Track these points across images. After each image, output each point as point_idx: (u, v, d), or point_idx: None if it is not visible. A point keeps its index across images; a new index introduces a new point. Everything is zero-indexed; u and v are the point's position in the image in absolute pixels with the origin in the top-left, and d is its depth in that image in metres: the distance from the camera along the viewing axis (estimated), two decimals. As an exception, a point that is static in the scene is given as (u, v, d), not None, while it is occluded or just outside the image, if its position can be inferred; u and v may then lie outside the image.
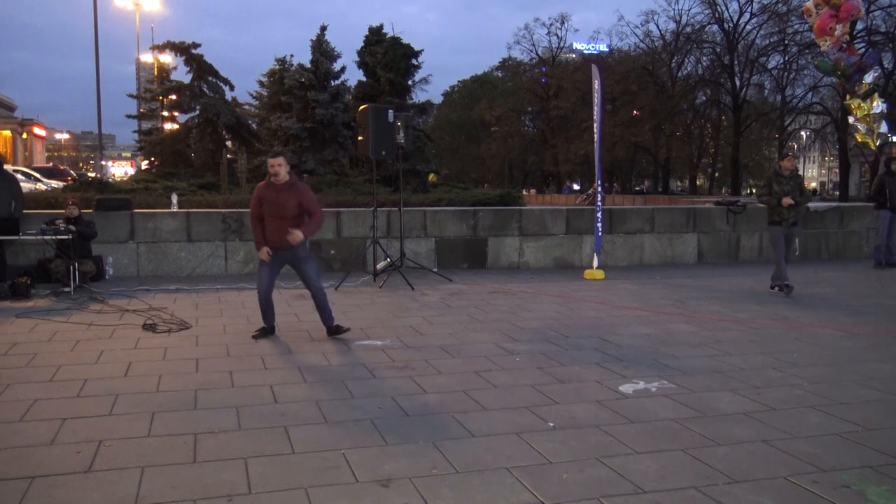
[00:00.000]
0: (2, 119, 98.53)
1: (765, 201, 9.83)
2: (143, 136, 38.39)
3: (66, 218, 9.73)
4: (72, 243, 9.46)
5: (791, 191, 9.53)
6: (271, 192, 6.67)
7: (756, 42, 47.36)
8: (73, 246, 9.47)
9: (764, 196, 9.82)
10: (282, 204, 6.62)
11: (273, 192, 6.67)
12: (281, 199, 6.63)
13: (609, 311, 8.45)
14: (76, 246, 9.55)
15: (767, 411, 4.81)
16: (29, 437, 4.22)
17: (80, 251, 9.71)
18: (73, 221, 9.69)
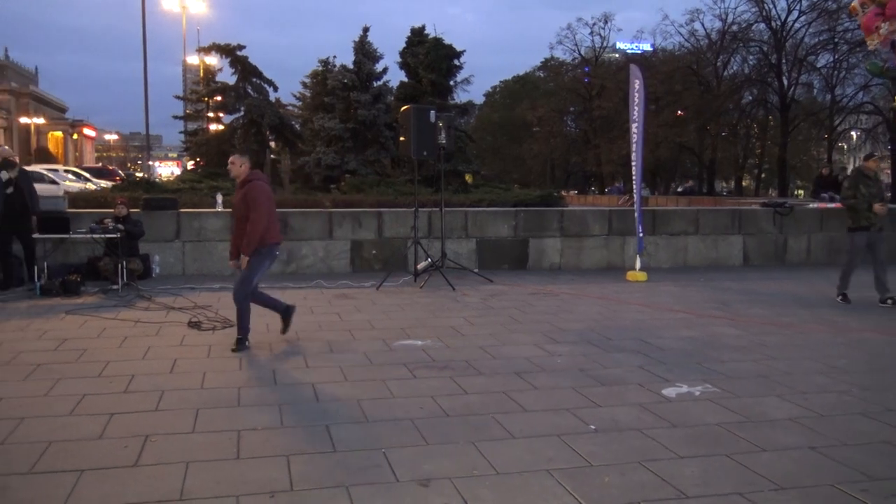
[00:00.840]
0: (53, 120, 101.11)
1: (851, 204, 9.12)
2: (189, 136, 39.10)
3: (115, 217, 9.95)
4: (120, 242, 9.66)
5: (878, 193, 9.10)
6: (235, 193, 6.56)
7: (805, 40, 46.37)
8: (121, 244, 9.68)
9: (850, 199, 9.12)
10: (236, 204, 6.55)
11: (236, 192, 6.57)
12: (236, 199, 6.56)
13: (652, 314, 8.35)
14: (124, 245, 9.76)
15: (815, 417, 4.71)
16: (78, 431, 4.32)
17: (128, 250, 9.91)
18: (121, 221, 9.90)
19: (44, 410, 4.69)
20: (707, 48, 52.36)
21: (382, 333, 7.14)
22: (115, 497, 3.44)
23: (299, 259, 11.57)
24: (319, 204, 16.19)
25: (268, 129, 34.11)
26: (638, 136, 11.38)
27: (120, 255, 9.64)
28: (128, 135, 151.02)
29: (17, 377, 5.46)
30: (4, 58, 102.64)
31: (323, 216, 11.90)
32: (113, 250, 9.74)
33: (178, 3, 38.70)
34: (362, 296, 9.42)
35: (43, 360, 5.94)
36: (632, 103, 11.49)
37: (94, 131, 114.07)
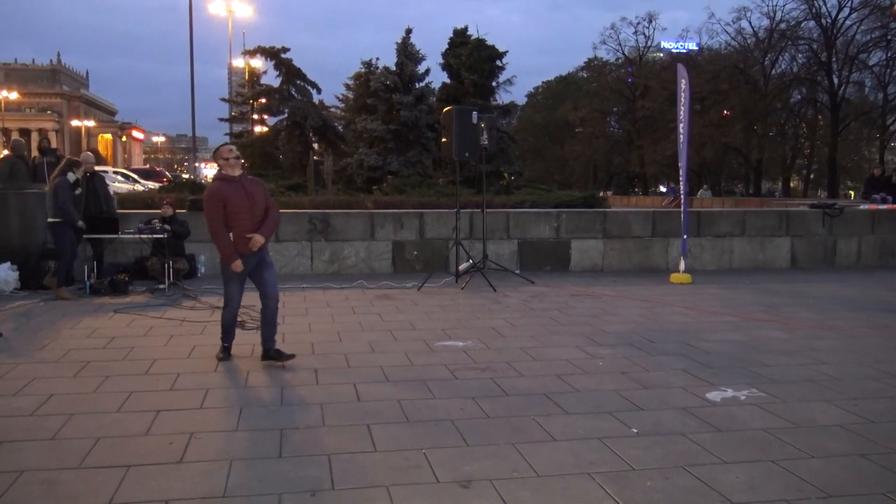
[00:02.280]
0: (103, 123, 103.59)
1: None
2: (234, 138, 39.62)
3: (162, 218, 10.13)
4: (167, 242, 9.84)
5: None
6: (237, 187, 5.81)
7: (856, 38, 45.35)
8: (167, 245, 9.86)
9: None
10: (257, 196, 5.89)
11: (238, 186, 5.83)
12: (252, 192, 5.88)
13: (696, 316, 8.23)
14: (171, 245, 9.94)
15: (865, 423, 4.59)
16: (125, 427, 4.40)
17: (175, 250, 10.10)
18: (167, 221, 10.08)
19: (92, 407, 4.79)
20: (754, 47, 51.48)
21: (423, 334, 7.15)
22: (161, 493, 3.50)
23: (341, 260, 11.65)
24: (361, 205, 16.28)
25: (311, 131, 34.42)
26: (684, 136, 11.23)
27: (167, 255, 9.82)
28: (175, 137, 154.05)
29: (67, 374, 5.60)
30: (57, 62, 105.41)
31: (365, 217, 11.97)
32: (160, 250, 9.92)
33: (224, 8, 39.29)
34: (404, 296, 9.45)
35: (92, 358, 6.07)
36: (678, 103, 11.35)
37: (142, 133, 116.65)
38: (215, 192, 5.77)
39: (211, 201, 5.75)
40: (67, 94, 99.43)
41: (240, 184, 5.82)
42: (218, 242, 5.80)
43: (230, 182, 5.81)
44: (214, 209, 5.72)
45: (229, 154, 5.87)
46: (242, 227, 5.74)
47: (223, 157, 5.87)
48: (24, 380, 5.40)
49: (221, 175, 5.89)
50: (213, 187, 5.85)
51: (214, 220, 5.73)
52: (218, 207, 5.70)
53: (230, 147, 5.97)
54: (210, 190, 5.87)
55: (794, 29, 47.81)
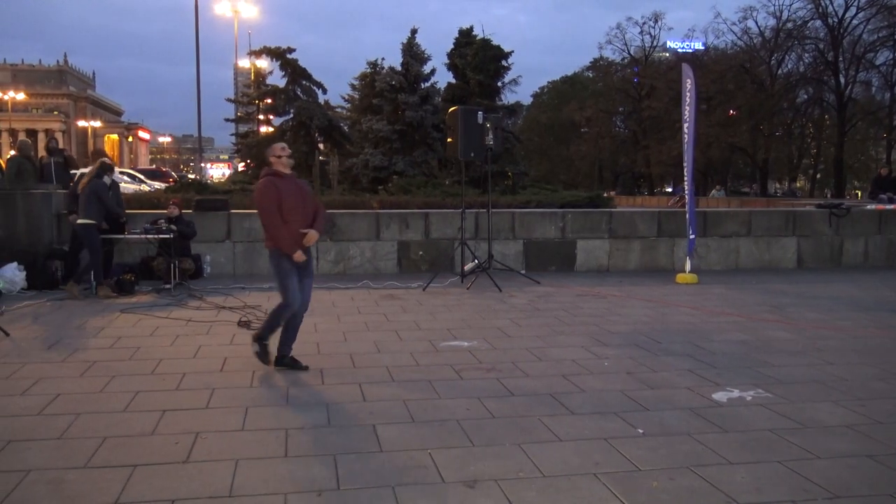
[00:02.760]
0: (110, 123, 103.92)
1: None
2: (240, 138, 39.72)
3: (168, 218, 10.15)
4: (172, 242, 9.86)
5: None
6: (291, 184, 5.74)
7: (863, 37, 45.21)
8: (173, 245, 9.88)
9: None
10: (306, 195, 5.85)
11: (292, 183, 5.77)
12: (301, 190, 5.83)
13: (702, 317, 8.22)
14: (177, 245, 9.95)
15: (873, 424, 4.57)
16: (132, 426, 4.42)
17: (180, 250, 10.11)
18: (173, 221, 10.09)
19: (99, 406, 4.81)
20: (761, 46, 51.35)
21: (429, 334, 7.15)
22: (167, 492, 3.50)
23: (347, 260, 11.66)
24: (367, 205, 16.28)
25: (316, 131, 34.43)
26: (689, 136, 11.21)
27: (173, 255, 9.84)
28: (181, 137, 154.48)
29: (73, 374, 5.61)
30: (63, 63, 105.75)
31: (370, 217, 11.98)
32: (166, 250, 9.94)
33: (231, 8, 39.37)
34: (409, 296, 9.45)
35: (98, 358, 6.09)
36: (683, 103, 11.34)
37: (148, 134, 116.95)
38: (271, 187, 5.61)
39: (268, 196, 5.59)
40: (74, 94, 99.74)
41: (292, 181, 5.74)
42: (277, 235, 5.61)
43: (283, 179, 5.69)
44: (272, 203, 5.56)
45: (282, 152, 5.75)
46: (296, 225, 5.63)
47: (276, 155, 5.75)
48: (31, 379, 5.42)
49: (273, 171, 5.72)
50: (268, 182, 5.65)
51: (273, 213, 5.57)
52: (275, 202, 5.56)
53: (283, 145, 5.84)
54: (264, 185, 5.66)
55: (800, 28, 47.69)
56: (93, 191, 9.17)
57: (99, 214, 9.22)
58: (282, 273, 5.70)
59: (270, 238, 5.69)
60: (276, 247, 5.66)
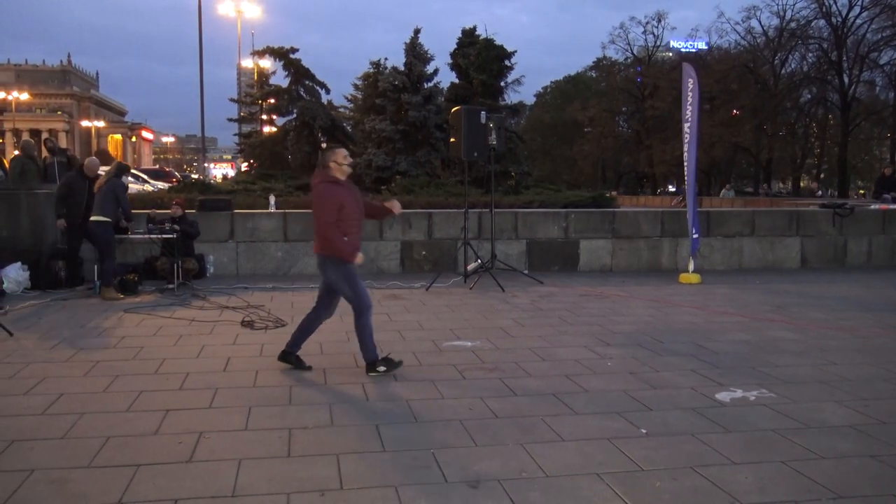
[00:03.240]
0: (113, 123, 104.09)
1: None
2: (243, 138, 39.78)
3: (171, 218, 10.16)
4: (176, 242, 9.87)
5: None
6: (349, 192, 5.69)
7: (867, 37, 45.12)
8: (177, 245, 9.89)
9: None
10: (360, 202, 5.79)
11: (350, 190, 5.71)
12: (358, 197, 5.79)
13: (705, 317, 8.21)
14: (180, 245, 9.97)
15: (876, 425, 4.57)
16: (135, 426, 4.42)
17: (184, 250, 10.13)
18: (177, 221, 10.10)
19: (102, 406, 4.81)
20: (764, 46, 51.28)
21: (432, 334, 7.15)
22: (170, 491, 3.51)
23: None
24: (370, 205, 16.28)
25: (320, 131, 34.47)
26: (691, 135, 11.19)
27: (176, 255, 9.85)
28: (184, 137, 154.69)
29: (77, 373, 5.62)
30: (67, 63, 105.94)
31: (373, 217, 11.96)
32: (169, 250, 9.96)
33: (234, 9, 39.42)
34: (412, 296, 9.45)
35: (101, 358, 6.10)
36: (685, 102, 11.32)
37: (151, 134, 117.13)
38: (333, 193, 5.49)
39: (330, 201, 5.47)
40: (78, 94, 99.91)
41: (350, 188, 5.64)
42: (336, 241, 5.47)
43: (342, 186, 5.57)
44: (332, 209, 5.44)
45: (344, 160, 5.60)
46: (352, 233, 5.55)
47: (337, 161, 5.59)
48: (35, 379, 5.43)
49: (332, 177, 5.56)
50: (329, 188, 5.52)
51: (331, 220, 5.44)
52: (335, 208, 5.44)
53: (346, 153, 5.68)
54: (326, 190, 5.52)
55: (804, 28, 47.60)
56: (111, 189, 9.22)
57: (115, 213, 9.27)
58: (349, 278, 5.60)
59: (328, 246, 5.53)
60: (333, 254, 5.54)
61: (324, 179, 5.59)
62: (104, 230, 9.20)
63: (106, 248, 9.24)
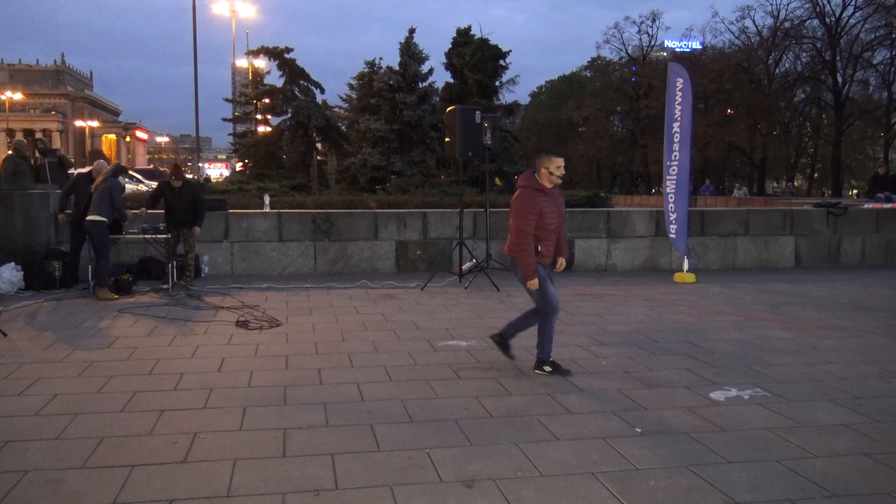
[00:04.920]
0: (107, 123, 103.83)
1: None
2: (238, 138, 39.72)
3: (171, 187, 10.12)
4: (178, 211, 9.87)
5: None
6: (551, 201, 5.54)
7: (860, 36, 45.26)
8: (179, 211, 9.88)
9: None
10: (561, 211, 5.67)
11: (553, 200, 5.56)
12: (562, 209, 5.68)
13: (700, 316, 8.22)
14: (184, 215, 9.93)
15: (870, 423, 4.58)
16: (130, 427, 4.41)
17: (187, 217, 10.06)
18: (179, 191, 10.05)
19: (97, 406, 4.80)
20: (758, 45, 51.41)
21: (427, 334, 7.15)
22: (165, 492, 3.50)
23: (345, 259, 11.65)
24: (365, 205, 16.29)
25: (314, 131, 34.44)
26: (682, 135, 11.20)
27: (170, 257, 9.84)
28: (178, 137, 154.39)
29: (71, 374, 5.61)
30: (61, 63, 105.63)
31: (368, 217, 11.98)
32: (168, 250, 9.92)
33: (228, 8, 39.37)
34: (407, 296, 9.45)
35: (96, 358, 6.08)
36: (673, 102, 11.32)
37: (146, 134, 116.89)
38: (532, 201, 5.39)
39: (529, 209, 5.37)
40: (72, 94, 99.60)
41: (553, 197, 5.52)
42: (524, 255, 5.41)
43: (545, 194, 5.46)
44: (531, 217, 5.36)
45: (557, 170, 5.46)
46: (549, 242, 5.52)
47: (549, 169, 5.48)
48: (29, 380, 5.42)
49: (537, 184, 5.46)
50: (530, 195, 5.41)
51: (528, 228, 5.38)
52: (533, 217, 5.36)
53: (561, 162, 5.51)
54: (527, 197, 5.42)
55: (798, 27, 47.74)
56: (107, 188, 9.23)
57: (111, 213, 9.26)
58: (539, 283, 5.53)
59: (517, 251, 5.49)
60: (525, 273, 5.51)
61: (528, 185, 5.50)
62: (100, 230, 9.18)
63: (101, 249, 9.22)
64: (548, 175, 5.49)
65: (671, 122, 11.31)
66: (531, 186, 5.49)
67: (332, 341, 6.80)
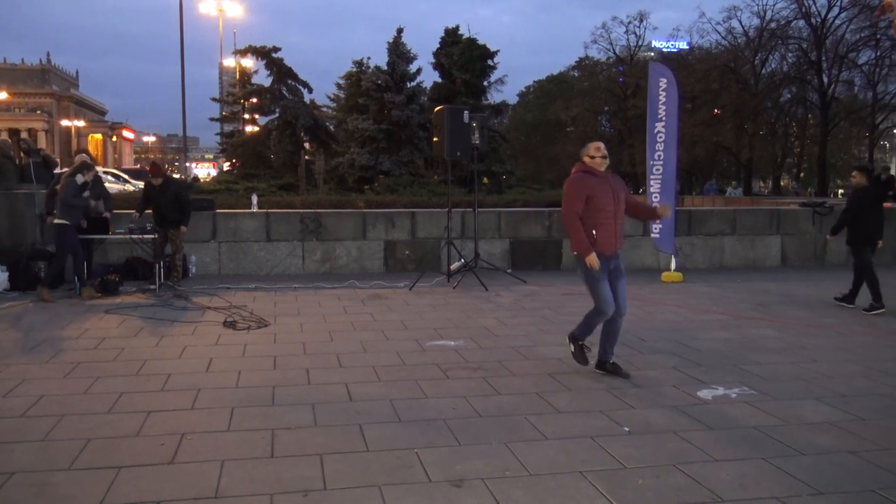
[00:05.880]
0: (94, 123, 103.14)
1: None
2: (226, 138, 39.59)
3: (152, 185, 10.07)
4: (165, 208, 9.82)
5: None
6: (604, 183, 5.51)
7: (846, 37, 45.54)
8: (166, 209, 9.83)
9: None
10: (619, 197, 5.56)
11: (606, 182, 5.54)
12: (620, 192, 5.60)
13: (687, 315, 8.26)
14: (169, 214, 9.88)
15: (855, 421, 4.62)
16: (116, 428, 4.39)
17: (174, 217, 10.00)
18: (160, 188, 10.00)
19: (83, 408, 4.77)
20: (745, 46, 51.62)
21: (415, 334, 7.15)
22: (152, 493, 3.48)
23: (333, 259, 11.63)
24: (353, 204, 16.28)
25: (302, 131, 34.37)
26: (667, 135, 11.25)
27: (156, 257, 9.79)
28: (165, 137, 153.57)
29: (57, 375, 5.57)
30: (46, 62, 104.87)
31: (357, 217, 11.96)
32: (155, 249, 9.87)
33: (215, 7, 39.22)
34: (395, 296, 9.45)
35: (82, 359, 6.05)
36: (656, 102, 11.37)
37: (132, 133, 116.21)
38: (580, 183, 5.44)
39: (575, 191, 5.42)
40: (57, 93, 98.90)
41: (606, 180, 5.52)
42: (573, 234, 5.42)
43: (596, 176, 5.49)
44: (577, 200, 5.39)
45: (596, 152, 5.55)
46: (605, 227, 5.42)
47: (589, 155, 5.56)
48: (15, 381, 5.38)
49: (586, 168, 5.54)
50: (578, 178, 5.49)
51: (571, 210, 5.42)
52: (580, 199, 5.39)
53: (598, 145, 5.64)
54: (574, 180, 5.51)
55: (784, 28, 47.97)
56: (63, 188, 9.03)
57: (71, 214, 9.05)
58: (590, 279, 5.49)
59: (569, 233, 5.51)
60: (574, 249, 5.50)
61: (577, 170, 5.58)
62: (58, 233, 9.04)
63: (58, 250, 9.10)
64: (592, 160, 5.54)
65: (654, 122, 11.37)
66: (581, 170, 5.54)
67: (320, 341, 6.79)
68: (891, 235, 13.50)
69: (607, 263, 5.48)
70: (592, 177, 5.48)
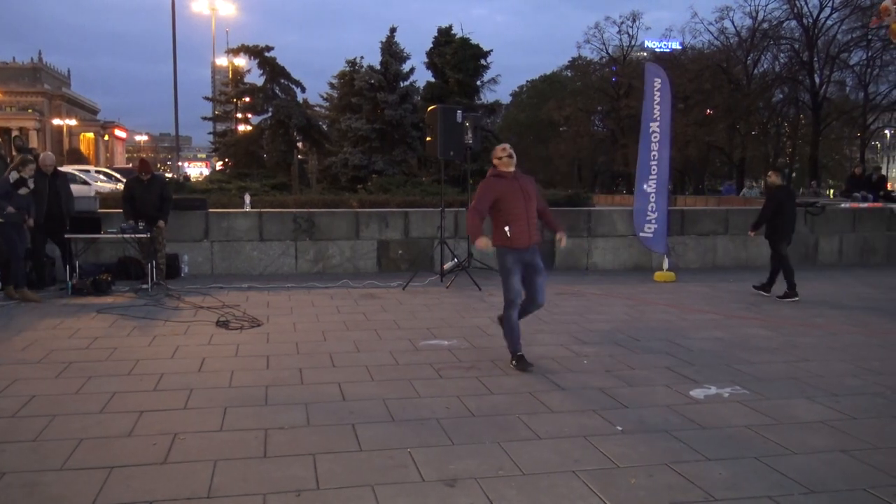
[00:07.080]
0: (85, 122, 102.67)
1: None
2: (218, 137, 39.53)
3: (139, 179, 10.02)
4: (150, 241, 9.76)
5: None
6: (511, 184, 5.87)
7: (837, 37, 45.75)
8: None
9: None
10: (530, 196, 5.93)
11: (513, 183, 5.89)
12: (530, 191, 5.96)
13: (680, 315, 8.28)
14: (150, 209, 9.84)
15: (847, 420, 4.64)
16: (108, 428, 4.37)
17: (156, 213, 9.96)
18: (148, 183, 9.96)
19: (75, 408, 4.75)
20: (737, 46, 51.81)
21: (408, 333, 7.15)
22: (145, 494, 3.48)
23: (326, 259, 11.62)
24: (346, 204, 16.26)
25: (295, 130, 34.35)
26: (661, 135, 11.28)
27: (147, 256, 9.76)
28: (158, 136, 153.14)
29: (49, 375, 5.55)
30: (38, 61, 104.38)
31: (350, 216, 11.94)
32: (144, 249, 9.83)
33: (208, 6, 39.11)
34: (388, 296, 9.44)
35: (74, 359, 6.02)
36: (651, 102, 11.39)
37: (124, 132, 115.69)
38: (487, 186, 5.86)
39: (482, 193, 5.85)
40: (49, 92, 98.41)
41: (515, 180, 5.89)
42: (469, 224, 5.84)
43: (504, 178, 5.88)
44: (482, 200, 5.80)
45: (502, 153, 5.97)
46: (517, 223, 5.76)
47: (497, 157, 5.98)
48: (6, 381, 5.35)
49: (495, 171, 5.95)
50: (487, 181, 5.92)
51: (475, 208, 5.78)
52: (486, 200, 5.78)
53: (504, 146, 6.08)
54: (483, 183, 5.94)
55: (776, 28, 48.15)
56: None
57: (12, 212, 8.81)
58: (503, 269, 5.84)
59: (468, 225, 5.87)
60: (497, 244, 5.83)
61: (490, 173, 6.01)
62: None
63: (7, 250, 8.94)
64: (500, 161, 5.96)
65: (649, 121, 11.39)
66: (491, 174, 5.98)
67: (313, 341, 6.78)
68: (883, 237, 13.62)
69: (522, 256, 5.79)
70: (501, 179, 5.88)
